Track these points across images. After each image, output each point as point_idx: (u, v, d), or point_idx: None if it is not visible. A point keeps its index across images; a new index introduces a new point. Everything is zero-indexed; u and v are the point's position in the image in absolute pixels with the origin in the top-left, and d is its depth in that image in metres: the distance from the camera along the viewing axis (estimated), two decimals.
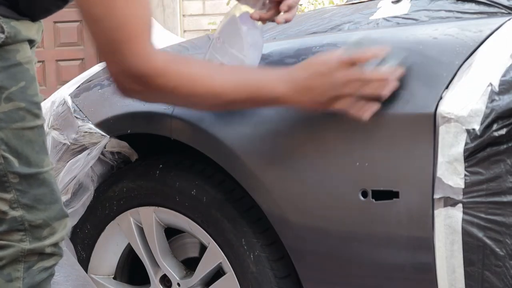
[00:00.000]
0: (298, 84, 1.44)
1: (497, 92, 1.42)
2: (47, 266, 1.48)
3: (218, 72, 1.42)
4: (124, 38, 1.32)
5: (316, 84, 1.43)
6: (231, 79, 1.42)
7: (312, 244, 1.62)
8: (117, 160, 2.01)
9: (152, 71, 1.34)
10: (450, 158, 1.43)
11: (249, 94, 1.44)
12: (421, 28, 1.63)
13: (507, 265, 1.42)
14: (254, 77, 1.45)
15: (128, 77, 1.36)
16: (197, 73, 1.39)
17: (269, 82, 1.44)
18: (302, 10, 5.83)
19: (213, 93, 1.41)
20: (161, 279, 1.97)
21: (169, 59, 1.38)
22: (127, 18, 1.31)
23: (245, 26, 1.62)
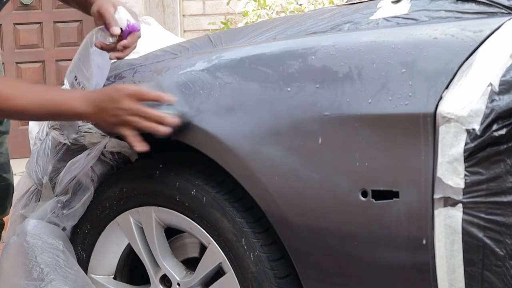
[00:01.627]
0: (94, 104, 1.70)
1: (497, 92, 1.42)
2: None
3: (23, 92, 1.67)
4: None
5: (107, 107, 1.69)
6: (34, 99, 1.67)
7: (312, 244, 1.62)
8: (117, 160, 2.01)
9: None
10: (450, 158, 1.43)
11: (54, 112, 1.71)
12: (421, 28, 1.63)
13: (507, 265, 1.42)
14: (56, 97, 1.72)
15: None
16: (4, 94, 1.63)
17: (70, 100, 1.71)
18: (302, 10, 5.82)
19: (16, 111, 1.66)
20: (161, 279, 1.96)
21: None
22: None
23: (93, 50, 1.87)
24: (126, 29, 1.85)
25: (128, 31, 1.85)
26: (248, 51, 1.79)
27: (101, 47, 1.85)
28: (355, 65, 1.59)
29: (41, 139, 2.05)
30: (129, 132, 1.70)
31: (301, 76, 1.64)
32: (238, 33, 2.09)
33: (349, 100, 1.56)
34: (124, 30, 1.85)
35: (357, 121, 1.54)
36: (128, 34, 1.85)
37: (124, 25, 1.85)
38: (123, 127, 1.70)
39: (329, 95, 1.59)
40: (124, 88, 1.70)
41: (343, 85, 1.58)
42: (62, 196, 1.99)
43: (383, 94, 1.53)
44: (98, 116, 1.71)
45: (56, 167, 2.01)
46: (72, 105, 1.70)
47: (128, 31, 1.85)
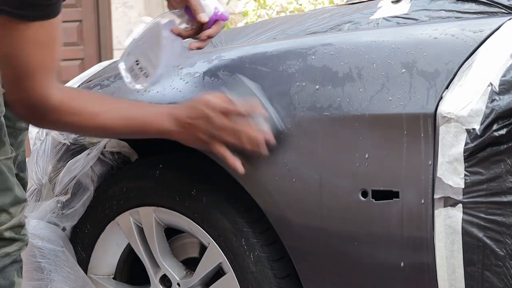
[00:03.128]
0: (180, 121, 1.55)
1: (497, 92, 1.42)
2: (9, 251, 1.50)
3: (108, 109, 1.53)
4: (27, 73, 1.40)
5: (197, 124, 1.55)
6: (118, 116, 1.54)
7: (312, 244, 1.62)
8: (117, 160, 2.01)
9: (47, 107, 1.45)
10: (450, 158, 1.43)
11: (138, 130, 1.57)
12: (421, 28, 1.63)
13: (507, 265, 1.42)
14: (141, 114, 1.57)
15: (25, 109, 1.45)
16: (89, 111, 1.51)
17: (157, 118, 1.56)
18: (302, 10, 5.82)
19: (104, 129, 1.54)
20: (161, 279, 1.96)
21: (65, 96, 1.48)
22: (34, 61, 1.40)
23: (165, 34, 1.70)
24: (212, 17, 1.70)
25: (214, 19, 1.70)
26: (248, 51, 1.79)
27: (179, 33, 1.70)
28: (355, 65, 1.58)
29: (41, 139, 2.05)
30: (225, 151, 1.57)
31: (301, 76, 1.64)
32: (238, 33, 2.09)
33: (349, 100, 1.56)
34: (210, 18, 1.70)
35: (357, 121, 1.54)
36: (213, 23, 1.70)
37: (211, 12, 1.70)
38: (217, 146, 1.57)
39: (329, 95, 1.59)
40: (214, 103, 1.55)
41: (343, 85, 1.58)
42: (62, 196, 1.99)
43: (383, 94, 1.53)
44: (187, 134, 1.57)
45: (56, 167, 2.01)
46: (158, 123, 1.55)
47: (214, 20, 1.70)
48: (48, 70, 1.43)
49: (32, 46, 1.38)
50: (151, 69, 1.70)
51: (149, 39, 1.71)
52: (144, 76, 1.70)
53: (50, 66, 1.43)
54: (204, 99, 1.56)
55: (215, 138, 1.55)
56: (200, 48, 1.70)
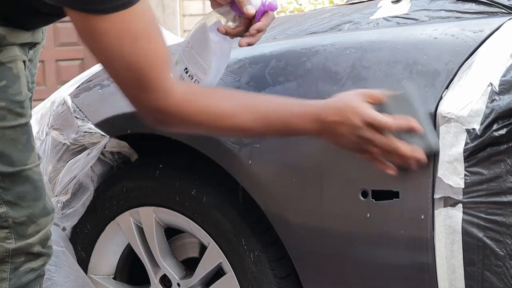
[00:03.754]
0: (326, 125, 1.41)
1: (497, 92, 1.42)
2: (34, 267, 1.48)
3: (245, 109, 1.40)
4: (143, 76, 1.31)
5: (343, 132, 1.41)
6: (260, 117, 1.40)
7: (312, 244, 1.62)
8: (117, 160, 2.01)
9: (173, 107, 1.34)
10: (450, 158, 1.43)
11: (278, 130, 1.44)
12: (421, 28, 1.63)
13: (507, 265, 1.42)
14: (282, 113, 1.42)
15: (150, 112, 1.36)
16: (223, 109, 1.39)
17: (298, 119, 1.42)
18: (302, 10, 5.83)
19: (240, 130, 1.42)
20: (161, 279, 1.97)
21: (189, 92, 1.38)
22: (147, 58, 1.30)
23: (213, 36, 1.60)
24: (260, 9, 1.59)
25: (262, 11, 1.59)
26: (248, 51, 1.79)
27: (226, 32, 1.60)
28: (355, 65, 1.59)
29: (41, 139, 2.05)
30: (372, 159, 1.45)
31: (301, 76, 1.64)
32: None
33: None
34: (258, 10, 1.59)
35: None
36: (262, 15, 1.59)
37: (258, 4, 1.59)
38: (364, 154, 1.44)
39: (328, 95, 1.59)
40: (364, 113, 1.40)
41: (343, 85, 1.58)
42: (62, 196, 1.99)
43: None
44: (329, 137, 1.44)
45: (56, 167, 2.01)
46: (302, 125, 1.41)
47: (262, 11, 1.59)
48: (156, 63, 1.31)
49: (127, 41, 1.28)
50: (202, 75, 1.61)
51: (196, 44, 1.62)
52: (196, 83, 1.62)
53: (157, 59, 1.32)
54: (353, 106, 1.41)
55: (362, 148, 1.43)
56: (250, 44, 1.60)
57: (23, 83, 1.47)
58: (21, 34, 1.46)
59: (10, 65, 1.44)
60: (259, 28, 1.58)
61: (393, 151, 1.41)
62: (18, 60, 1.46)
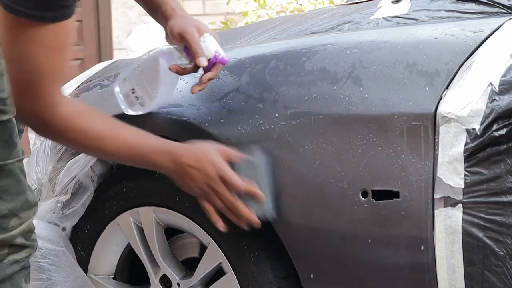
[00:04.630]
0: (179, 166, 1.58)
1: (497, 92, 1.42)
2: (18, 258, 1.48)
3: (114, 136, 1.55)
4: (36, 77, 1.39)
5: (195, 177, 1.58)
6: (123, 146, 1.56)
7: (312, 244, 1.62)
8: None
9: (51, 116, 1.44)
10: (450, 158, 1.43)
11: (138, 161, 1.60)
12: (421, 28, 1.63)
13: (507, 265, 1.42)
14: (143, 147, 1.58)
15: (30, 116, 1.44)
16: (94, 132, 1.52)
17: (157, 154, 1.58)
18: (302, 10, 5.82)
19: (104, 153, 1.57)
20: (161, 279, 1.96)
21: (72, 110, 1.48)
22: (52, 68, 1.39)
23: (163, 67, 1.69)
24: (212, 60, 1.68)
25: (213, 62, 1.68)
26: (248, 51, 1.79)
27: (177, 71, 1.69)
28: (355, 65, 1.58)
29: (41, 139, 2.05)
30: (210, 209, 1.62)
31: (301, 76, 1.64)
32: (238, 33, 2.09)
33: (349, 100, 1.56)
34: (210, 60, 1.68)
35: (357, 121, 1.54)
36: (213, 65, 1.68)
37: (211, 55, 1.68)
38: (205, 202, 1.62)
39: (328, 95, 1.59)
40: (220, 167, 1.58)
41: (343, 85, 1.58)
42: (62, 196, 1.99)
43: (383, 94, 1.53)
44: (181, 179, 1.61)
45: (56, 167, 2.01)
46: (157, 160, 1.59)
47: (213, 62, 1.68)
48: (57, 77, 1.41)
49: (44, 49, 1.36)
50: (147, 100, 1.72)
51: (146, 70, 1.72)
52: (139, 105, 1.73)
53: (59, 73, 1.41)
54: (210, 157, 1.58)
55: (206, 196, 1.60)
56: (201, 90, 1.70)
57: (7, 80, 1.47)
58: None
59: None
60: (210, 77, 1.68)
61: (233, 209, 1.59)
62: (2, 58, 1.47)
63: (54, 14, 1.33)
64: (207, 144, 1.61)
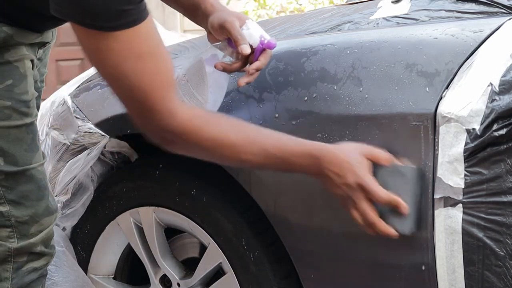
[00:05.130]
0: (322, 170, 1.43)
1: (497, 92, 1.42)
2: (36, 266, 1.47)
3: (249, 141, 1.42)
4: (143, 97, 1.30)
5: (335, 182, 1.43)
6: (260, 151, 1.41)
7: (312, 244, 1.62)
8: (117, 160, 2.01)
9: (177, 129, 1.35)
10: (450, 158, 1.43)
11: (276, 165, 1.45)
12: (421, 28, 1.63)
13: (507, 265, 1.42)
14: (283, 150, 1.44)
15: (155, 133, 1.36)
16: (227, 138, 1.39)
17: (297, 158, 1.44)
18: (302, 10, 5.83)
19: (240, 160, 1.42)
20: (161, 279, 1.97)
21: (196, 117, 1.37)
22: (151, 78, 1.30)
23: (209, 69, 1.60)
24: (259, 47, 1.59)
25: (261, 49, 1.60)
26: None
27: (223, 68, 1.60)
28: (355, 65, 1.59)
29: (41, 139, 2.05)
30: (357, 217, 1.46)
31: (301, 76, 1.64)
32: None
33: (349, 100, 1.56)
34: (256, 48, 1.59)
35: (357, 121, 1.54)
36: (260, 52, 1.60)
37: (257, 42, 1.59)
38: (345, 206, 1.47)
39: (328, 95, 1.59)
40: (360, 176, 1.43)
41: (343, 85, 1.58)
42: (62, 196, 1.99)
43: (383, 94, 1.53)
44: (324, 183, 1.46)
45: (56, 167, 2.01)
46: (299, 164, 1.44)
47: (260, 49, 1.60)
48: (161, 85, 1.31)
49: (132, 60, 1.27)
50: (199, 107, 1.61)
51: (192, 78, 1.63)
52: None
53: (162, 80, 1.32)
54: (352, 164, 1.43)
55: (347, 203, 1.46)
56: (249, 83, 1.61)
57: (30, 82, 1.47)
58: (29, 34, 1.46)
59: (17, 64, 1.44)
60: (258, 67, 1.59)
61: (369, 224, 1.43)
62: (26, 59, 1.46)
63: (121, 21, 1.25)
64: (353, 146, 1.47)
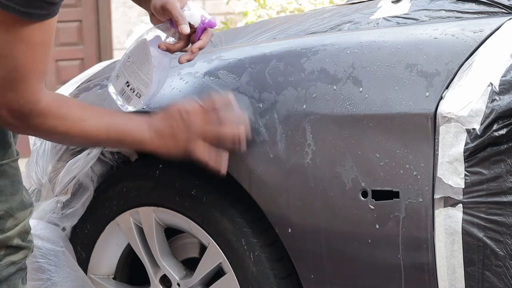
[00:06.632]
0: (160, 130, 1.56)
1: (497, 92, 1.42)
2: (14, 260, 1.48)
3: (93, 116, 1.51)
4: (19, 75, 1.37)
5: (175, 131, 1.56)
6: (103, 123, 1.52)
7: (312, 244, 1.62)
8: (117, 160, 2.01)
9: (34, 111, 1.41)
10: (450, 158, 1.43)
11: (119, 137, 1.55)
12: (421, 28, 1.63)
13: (507, 265, 1.42)
14: (123, 122, 1.56)
15: (10, 113, 1.41)
16: (74, 116, 1.48)
17: (137, 127, 1.56)
18: (302, 10, 5.83)
19: (86, 136, 1.51)
20: (161, 279, 1.96)
21: (51, 100, 1.45)
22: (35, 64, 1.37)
23: (153, 50, 1.66)
24: (200, 26, 1.64)
25: (202, 28, 1.65)
26: (248, 51, 1.79)
27: (167, 48, 1.65)
28: (355, 65, 1.59)
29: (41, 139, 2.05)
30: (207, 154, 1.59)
31: (301, 76, 1.64)
32: (238, 33, 2.09)
33: (349, 100, 1.56)
34: (198, 27, 1.64)
35: (357, 121, 1.54)
36: (202, 32, 1.65)
37: (198, 22, 1.64)
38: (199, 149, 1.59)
39: (328, 95, 1.59)
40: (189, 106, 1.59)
41: (343, 85, 1.58)
42: (61, 196, 1.99)
43: (383, 94, 1.53)
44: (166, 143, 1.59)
45: (56, 167, 2.01)
46: (138, 132, 1.57)
47: (202, 29, 1.65)
48: (39, 73, 1.40)
49: (28, 46, 1.35)
50: (144, 89, 1.69)
51: (137, 59, 1.69)
52: (136, 97, 1.70)
53: (42, 69, 1.40)
54: (178, 106, 1.59)
55: (194, 141, 1.57)
56: (189, 61, 1.67)
57: None
58: None
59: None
60: (200, 46, 1.66)
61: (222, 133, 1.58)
62: None
63: (42, 12, 1.32)
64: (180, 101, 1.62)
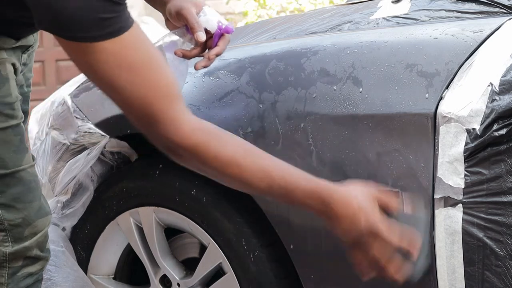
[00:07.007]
0: (330, 212, 1.33)
1: (497, 92, 1.42)
2: (32, 271, 1.46)
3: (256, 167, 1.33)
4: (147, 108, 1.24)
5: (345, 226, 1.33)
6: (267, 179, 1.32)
7: (312, 244, 1.62)
8: (117, 160, 2.01)
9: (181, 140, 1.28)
10: (450, 158, 1.43)
11: (280, 196, 1.36)
12: (421, 28, 1.63)
13: (507, 265, 1.42)
14: (289, 183, 1.33)
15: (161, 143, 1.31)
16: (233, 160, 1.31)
17: (303, 194, 1.33)
18: (302, 10, 5.83)
19: (244, 183, 1.33)
20: (161, 279, 1.96)
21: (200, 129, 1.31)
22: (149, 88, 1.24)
23: (170, 56, 1.58)
24: (217, 32, 1.59)
25: (219, 34, 1.60)
26: (248, 51, 1.79)
27: (183, 55, 1.58)
28: (355, 65, 1.59)
29: (41, 139, 2.05)
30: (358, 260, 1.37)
31: (301, 76, 1.64)
32: (238, 33, 2.09)
33: (349, 100, 1.56)
34: (215, 33, 1.60)
35: (357, 121, 1.54)
36: (219, 38, 1.60)
37: (214, 27, 1.60)
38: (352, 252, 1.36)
39: (328, 95, 1.59)
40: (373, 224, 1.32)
41: (343, 85, 1.58)
42: (62, 196, 1.99)
43: (383, 94, 1.53)
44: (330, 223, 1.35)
45: (56, 167, 2.01)
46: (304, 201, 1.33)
47: (219, 35, 1.60)
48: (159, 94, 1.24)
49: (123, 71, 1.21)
50: None
51: None
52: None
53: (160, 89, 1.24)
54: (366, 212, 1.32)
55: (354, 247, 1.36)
56: (206, 67, 1.59)
57: (13, 85, 1.45)
58: (7, 40, 1.45)
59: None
60: (217, 52, 1.58)
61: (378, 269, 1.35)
62: (7, 63, 1.46)
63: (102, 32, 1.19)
64: (360, 188, 1.36)
